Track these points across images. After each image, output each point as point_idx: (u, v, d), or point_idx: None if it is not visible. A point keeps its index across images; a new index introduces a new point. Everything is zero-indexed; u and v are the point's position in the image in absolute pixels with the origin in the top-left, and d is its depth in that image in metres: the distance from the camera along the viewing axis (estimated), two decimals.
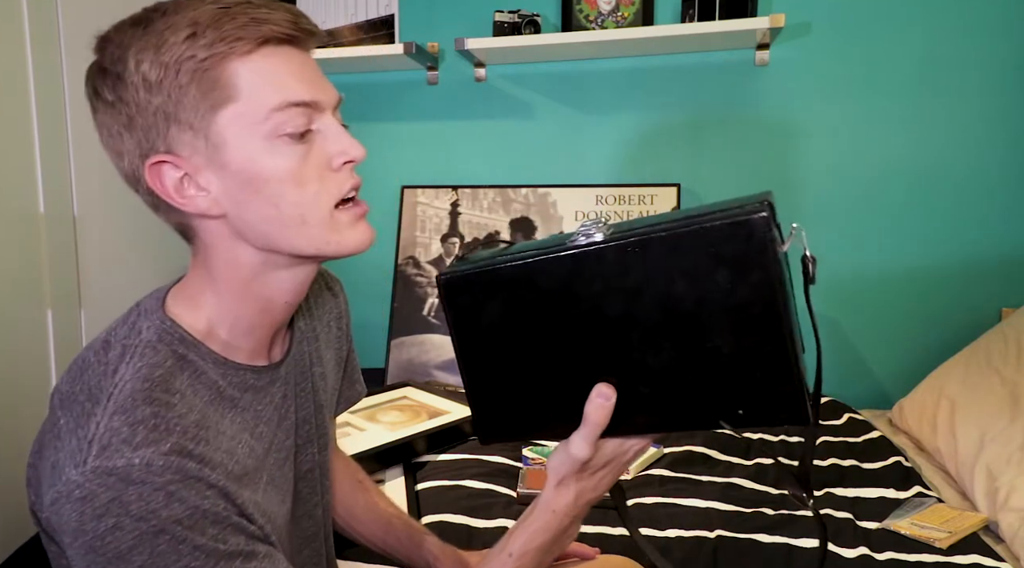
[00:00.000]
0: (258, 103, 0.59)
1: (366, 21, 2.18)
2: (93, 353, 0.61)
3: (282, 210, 0.61)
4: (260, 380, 0.68)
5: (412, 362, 2.11)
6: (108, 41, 0.60)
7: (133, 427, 0.54)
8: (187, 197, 0.61)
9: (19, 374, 1.65)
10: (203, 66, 0.58)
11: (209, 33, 0.58)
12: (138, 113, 0.59)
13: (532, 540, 0.66)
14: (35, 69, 1.69)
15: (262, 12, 0.59)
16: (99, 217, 1.90)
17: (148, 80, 0.58)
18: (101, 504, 0.52)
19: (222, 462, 0.58)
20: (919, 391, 1.73)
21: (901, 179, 1.95)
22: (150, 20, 0.59)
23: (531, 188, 2.14)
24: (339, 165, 0.63)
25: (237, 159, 0.60)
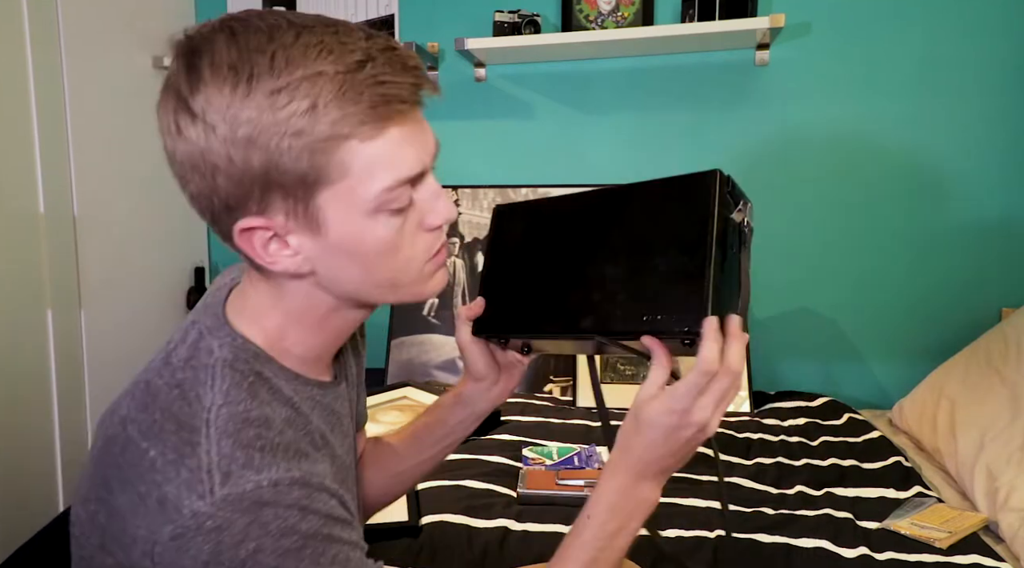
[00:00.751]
0: (370, 183, 0.56)
1: (366, 21, 2.18)
2: (157, 376, 0.59)
3: (376, 276, 0.61)
4: (326, 396, 0.68)
5: (412, 362, 2.11)
6: (199, 79, 0.54)
7: (246, 450, 0.54)
8: (274, 256, 0.59)
9: (19, 374, 1.65)
10: (320, 146, 0.54)
11: (332, 110, 0.53)
12: (230, 169, 0.55)
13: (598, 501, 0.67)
14: (35, 69, 1.70)
15: (388, 81, 0.55)
16: (99, 217, 1.90)
17: (253, 144, 0.53)
18: (239, 530, 0.51)
19: (323, 471, 0.59)
20: (919, 391, 1.73)
21: (900, 179, 1.95)
22: (255, 72, 0.53)
23: (531, 188, 2.14)
24: (433, 227, 0.63)
25: (336, 230, 0.58)
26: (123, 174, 2.00)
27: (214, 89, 0.53)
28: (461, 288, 2.14)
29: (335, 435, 0.69)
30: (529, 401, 1.86)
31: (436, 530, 1.21)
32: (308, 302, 0.63)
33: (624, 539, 0.67)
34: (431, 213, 0.62)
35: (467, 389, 0.84)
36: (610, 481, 0.67)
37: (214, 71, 0.54)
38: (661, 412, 0.63)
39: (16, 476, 1.61)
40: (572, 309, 0.72)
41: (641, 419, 0.64)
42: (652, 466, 0.66)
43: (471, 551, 1.16)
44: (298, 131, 0.53)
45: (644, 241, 0.69)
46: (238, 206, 0.57)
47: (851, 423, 1.70)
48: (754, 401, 1.85)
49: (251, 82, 0.53)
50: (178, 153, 0.56)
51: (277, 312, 0.64)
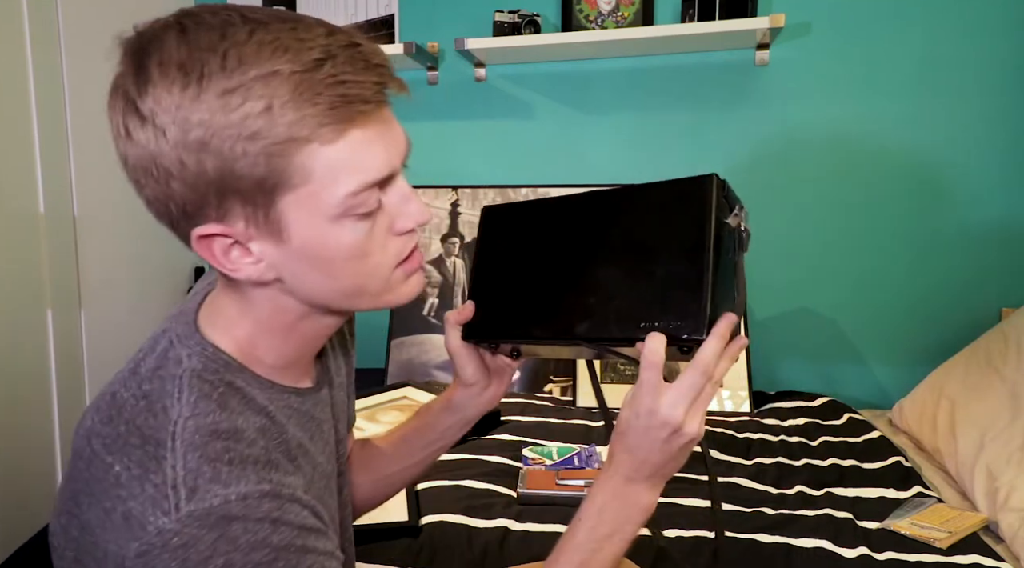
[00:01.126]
0: (333, 187, 0.53)
1: (366, 21, 2.18)
2: (123, 387, 0.57)
3: (342, 283, 0.58)
4: (304, 403, 0.66)
5: (412, 362, 2.11)
6: (147, 80, 0.51)
7: (213, 464, 0.52)
8: (236, 263, 0.57)
9: (19, 374, 1.65)
10: (277, 149, 0.51)
11: (288, 112, 0.50)
12: (183, 175, 0.52)
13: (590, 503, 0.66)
14: (35, 69, 1.70)
15: (349, 79, 0.51)
16: (99, 217, 1.90)
17: (205, 148, 0.51)
18: (206, 546, 0.50)
19: (295, 483, 0.58)
20: (919, 391, 1.73)
21: (900, 179, 1.95)
22: (205, 71, 0.50)
23: (531, 188, 2.14)
24: (404, 231, 0.60)
25: (299, 236, 0.55)
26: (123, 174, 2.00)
27: (163, 90, 0.50)
28: (461, 288, 2.14)
29: (315, 443, 0.67)
30: (529, 401, 1.86)
31: (436, 530, 1.21)
32: (275, 309, 0.61)
33: (618, 543, 0.66)
34: (401, 217, 0.59)
35: (457, 394, 0.82)
36: (602, 484, 0.66)
37: (163, 71, 0.51)
38: (646, 412, 0.62)
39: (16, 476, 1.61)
40: (564, 314, 0.71)
41: (629, 421, 0.64)
42: (644, 468, 0.64)
43: (471, 551, 1.16)
44: (253, 134, 0.50)
45: (639, 245, 0.68)
46: (196, 213, 0.54)
47: (851, 423, 1.70)
48: (754, 401, 1.85)
49: (202, 82, 0.50)
50: (129, 157, 0.54)
51: (246, 320, 0.62)
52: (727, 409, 1.83)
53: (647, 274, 0.66)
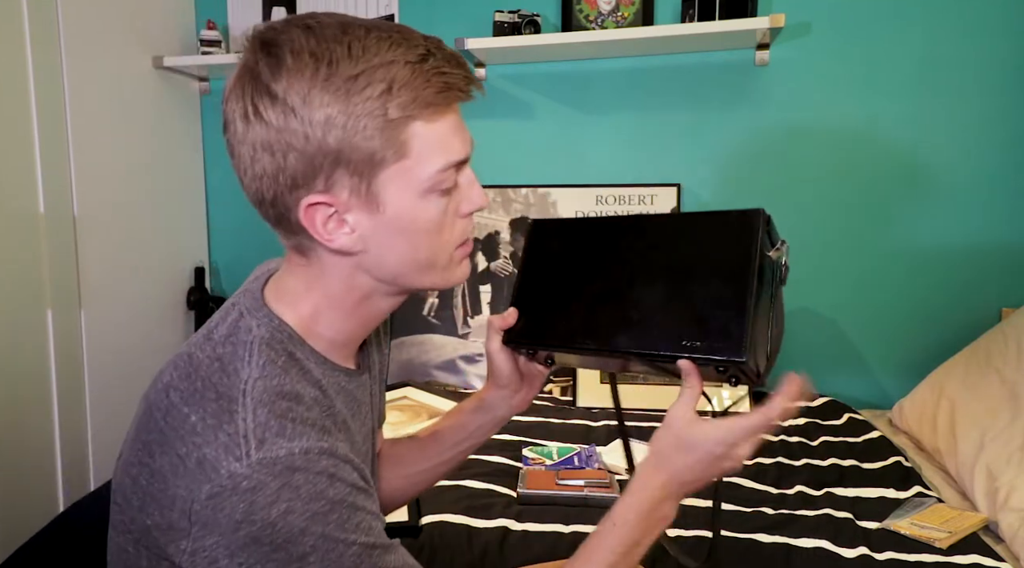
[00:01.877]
0: (426, 163, 0.62)
1: None
2: (199, 350, 0.63)
3: (419, 254, 0.65)
4: (351, 383, 0.71)
5: (412, 362, 2.11)
6: (282, 65, 0.59)
7: (280, 420, 0.58)
8: (332, 233, 0.63)
9: (19, 374, 1.65)
10: (391, 125, 0.59)
11: (404, 93, 0.59)
12: (305, 147, 0.59)
13: (628, 510, 0.70)
14: (35, 69, 1.70)
15: (448, 72, 0.61)
16: (99, 217, 1.90)
17: (331, 123, 0.58)
18: (272, 492, 0.55)
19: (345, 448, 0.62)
20: (919, 391, 1.73)
21: (900, 179, 1.95)
22: (334, 58, 0.58)
23: (531, 188, 2.14)
24: (467, 212, 0.68)
25: (392, 207, 0.62)
26: (123, 174, 2.00)
27: (296, 74, 0.58)
28: (461, 288, 2.14)
29: (355, 422, 0.71)
30: None
31: (436, 530, 1.21)
32: (348, 286, 0.67)
33: (642, 549, 0.71)
34: (466, 200, 0.67)
35: (490, 395, 0.87)
36: (642, 492, 0.70)
37: (295, 58, 0.59)
38: (714, 440, 0.67)
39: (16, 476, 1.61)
40: (606, 327, 0.75)
41: (687, 440, 0.68)
42: (685, 486, 0.70)
43: (471, 551, 1.17)
44: (372, 112, 0.59)
45: (685, 269, 0.72)
46: (305, 183, 0.61)
47: (851, 423, 1.70)
48: (754, 401, 1.85)
49: (331, 67, 0.58)
50: (250, 135, 0.60)
51: (313, 295, 0.67)
52: (727, 409, 1.83)
53: (691, 296, 0.71)
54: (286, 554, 0.55)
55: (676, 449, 0.69)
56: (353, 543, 0.58)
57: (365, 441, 0.75)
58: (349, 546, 0.58)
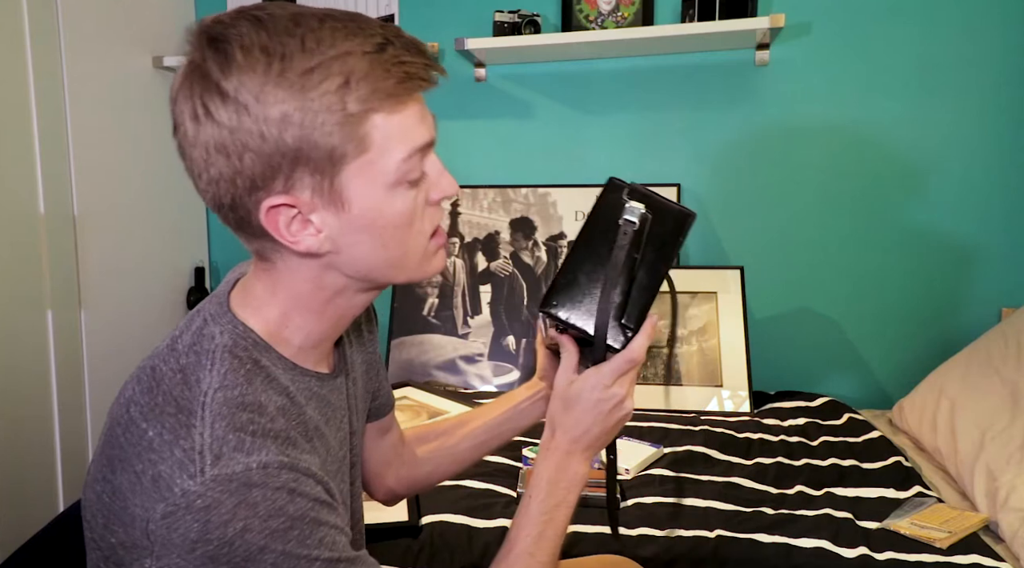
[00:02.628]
0: (389, 155, 0.59)
1: None
2: (162, 362, 0.61)
3: (391, 250, 0.63)
4: (323, 388, 0.69)
5: (412, 362, 2.11)
6: (231, 62, 0.56)
7: (238, 434, 0.56)
8: (296, 236, 0.60)
9: (19, 374, 1.65)
10: (350, 119, 0.57)
11: (363, 86, 0.56)
12: (261, 147, 0.56)
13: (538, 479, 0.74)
14: (35, 69, 1.69)
15: (408, 61, 0.59)
16: (99, 217, 1.90)
17: (288, 120, 0.56)
18: (227, 509, 0.53)
19: (311, 461, 0.61)
20: (919, 391, 1.73)
21: (900, 179, 1.95)
22: (288, 54, 0.55)
23: (531, 188, 2.14)
24: (437, 200, 0.66)
25: (359, 204, 0.60)
26: (123, 174, 2.00)
27: (248, 71, 0.55)
28: (461, 288, 2.14)
29: (330, 427, 0.69)
30: None
31: (436, 530, 1.21)
32: (316, 286, 0.64)
33: (564, 512, 0.73)
34: (436, 187, 0.65)
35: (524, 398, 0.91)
36: (545, 459, 0.75)
37: (245, 54, 0.56)
38: (589, 387, 0.72)
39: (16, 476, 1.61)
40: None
41: (567, 398, 0.73)
42: (583, 439, 0.73)
43: (471, 551, 1.17)
44: (330, 106, 0.56)
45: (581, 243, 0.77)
46: (264, 185, 0.58)
47: (851, 423, 1.70)
48: (754, 401, 1.85)
49: (284, 61, 0.55)
50: (202, 136, 0.57)
51: (279, 299, 0.65)
52: (727, 409, 1.83)
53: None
54: None
55: (562, 410, 0.73)
56: (316, 559, 0.56)
57: (342, 446, 0.73)
58: (312, 562, 0.56)
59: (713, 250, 2.08)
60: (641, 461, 1.47)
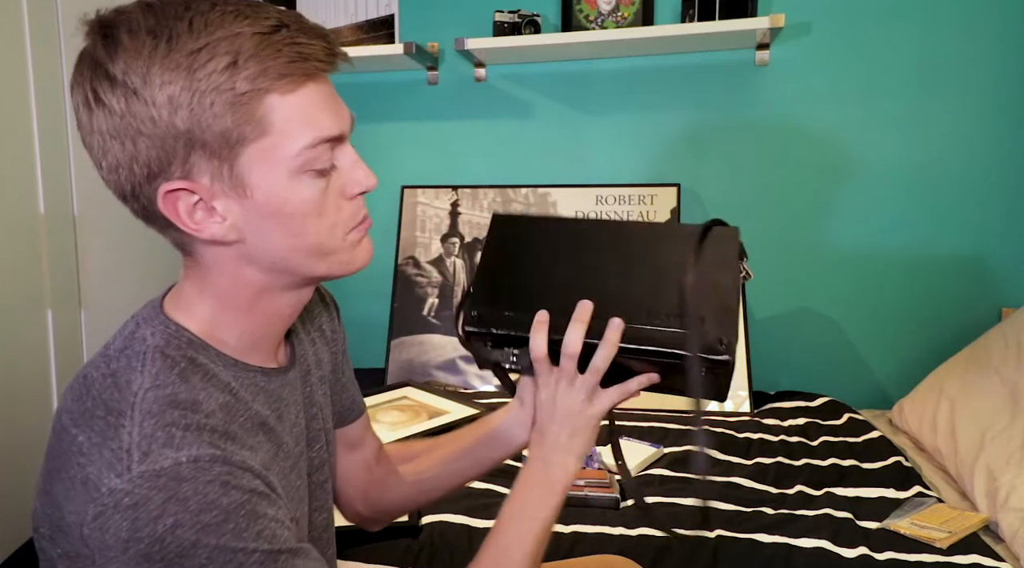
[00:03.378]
0: (291, 140, 0.58)
1: (366, 21, 2.18)
2: (94, 369, 0.60)
3: (303, 240, 0.61)
4: (271, 383, 0.68)
5: (412, 362, 2.11)
6: (118, 45, 0.55)
7: (167, 429, 0.54)
8: (200, 223, 0.59)
9: (19, 374, 1.65)
10: (242, 99, 0.55)
11: (251, 65, 0.55)
12: (153, 132, 0.56)
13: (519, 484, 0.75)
14: (35, 69, 1.69)
15: (303, 42, 0.57)
16: (99, 217, 1.90)
17: (176, 103, 0.55)
18: (156, 506, 0.52)
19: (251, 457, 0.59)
20: (919, 391, 1.73)
21: (901, 179, 1.95)
22: (173, 34, 0.55)
23: (531, 188, 2.14)
24: (354, 194, 0.64)
25: (261, 190, 0.59)
26: None
27: (134, 53, 0.55)
28: (462, 288, 2.14)
29: (282, 423, 0.68)
30: None
31: (436, 530, 1.21)
32: (235, 283, 0.63)
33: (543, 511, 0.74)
34: (351, 182, 0.63)
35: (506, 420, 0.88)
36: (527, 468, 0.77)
37: (132, 37, 0.55)
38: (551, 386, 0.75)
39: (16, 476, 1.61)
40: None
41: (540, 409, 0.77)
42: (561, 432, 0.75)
43: (471, 551, 1.16)
44: (218, 86, 0.55)
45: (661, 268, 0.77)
46: (161, 171, 0.57)
47: (851, 423, 1.70)
48: (754, 401, 1.85)
49: (171, 43, 0.54)
50: (95, 123, 0.57)
51: (206, 299, 0.64)
52: (727, 409, 1.83)
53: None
54: None
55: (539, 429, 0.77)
56: (254, 551, 0.54)
57: (298, 442, 0.71)
58: (250, 554, 0.54)
59: None
60: (641, 461, 1.47)
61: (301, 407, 0.73)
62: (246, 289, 0.64)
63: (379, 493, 0.90)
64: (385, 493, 0.90)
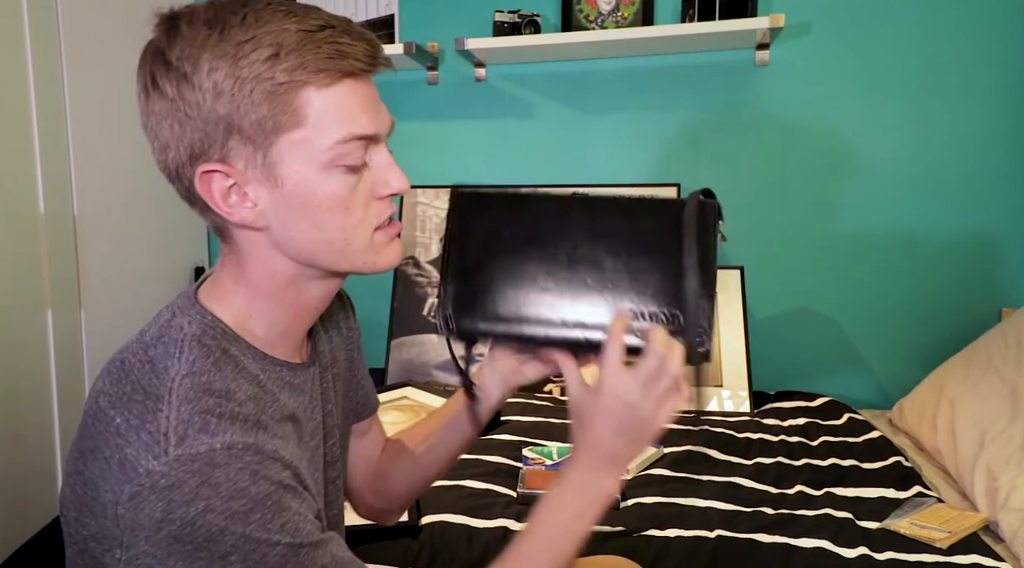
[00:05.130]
0: (324, 133, 0.60)
1: (366, 21, 2.18)
2: (131, 354, 0.62)
3: (327, 234, 0.63)
4: (296, 378, 0.69)
5: (412, 362, 2.11)
6: (177, 34, 0.59)
7: (203, 416, 0.56)
8: (233, 206, 0.62)
9: (19, 374, 1.65)
10: (279, 90, 0.58)
11: (292, 58, 0.58)
12: (198, 115, 0.59)
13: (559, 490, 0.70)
14: (35, 69, 1.69)
15: (345, 42, 0.60)
16: (99, 217, 1.90)
17: (219, 89, 0.58)
18: (190, 489, 0.53)
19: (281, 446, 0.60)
20: (919, 391, 1.73)
21: (901, 179, 1.95)
22: (227, 26, 0.58)
23: (531, 188, 2.14)
24: (384, 195, 0.65)
25: (291, 180, 0.61)
26: (123, 174, 2.00)
27: (189, 40, 0.58)
28: None
29: (304, 415, 0.70)
30: (529, 401, 1.86)
31: (436, 530, 1.21)
32: (267, 269, 0.65)
33: (578, 525, 0.69)
34: (382, 182, 0.65)
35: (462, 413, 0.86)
36: (563, 475, 0.70)
37: (191, 27, 0.59)
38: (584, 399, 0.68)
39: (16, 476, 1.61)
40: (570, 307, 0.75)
41: (577, 412, 0.69)
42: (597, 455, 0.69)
43: (471, 551, 1.17)
44: (258, 75, 0.58)
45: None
46: (201, 153, 0.60)
47: (851, 423, 1.70)
48: (754, 401, 1.85)
49: (223, 34, 0.58)
50: (151, 106, 0.60)
51: (240, 289, 0.66)
52: (727, 409, 1.83)
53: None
54: (208, 553, 0.54)
55: (576, 425, 0.70)
56: (277, 543, 0.56)
57: (314, 435, 0.73)
58: (273, 546, 0.56)
59: None
60: (641, 461, 1.47)
61: (319, 403, 0.75)
62: (277, 277, 0.66)
63: (383, 483, 0.91)
64: (389, 482, 0.91)
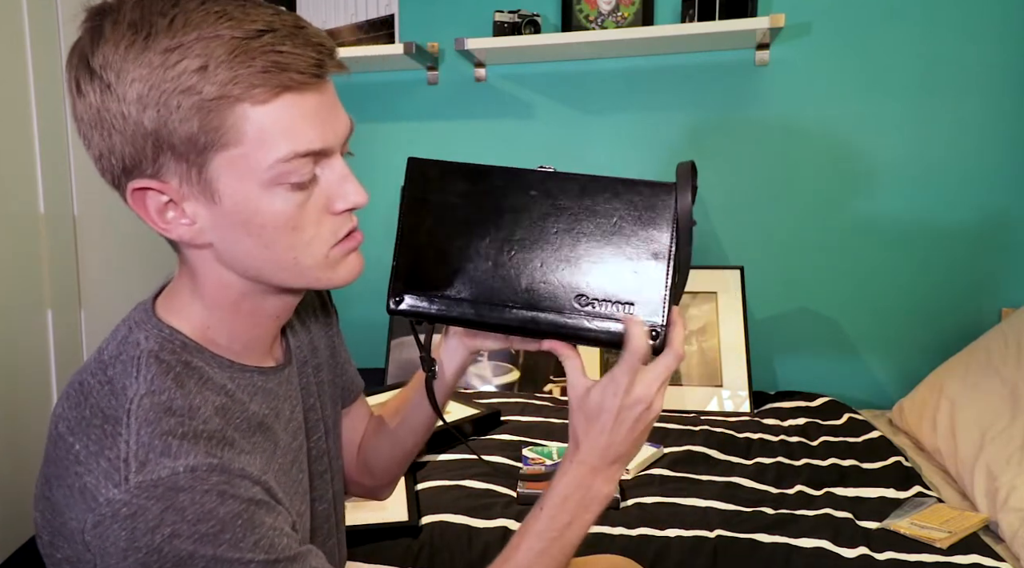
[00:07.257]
0: (264, 151, 0.55)
1: (366, 21, 2.18)
2: (90, 375, 0.59)
3: (275, 253, 0.59)
4: (268, 382, 0.67)
5: (412, 362, 2.11)
6: (101, 36, 0.55)
7: (164, 438, 0.54)
8: (170, 223, 0.59)
9: (19, 374, 1.65)
10: (210, 105, 0.54)
11: (222, 71, 0.53)
12: (124, 128, 0.55)
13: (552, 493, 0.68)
14: (35, 69, 1.69)
15: (285, 50, 0.54)
16: (99, 217, 1.90)
17: (144, 102, 0.53)
18: (154, 516, 0.52)
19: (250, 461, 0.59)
20: (919, 391, 1.73)
21: (901, 179, 1.95)
22: (153, 30, 0.53)
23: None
24: (340, 211, 0.61)
25: (231, 199, 0.57)
26: None
27: (112, 46, 0.54)
28: None
29: (279, 420, 0.68)
30: (529, 401, 1.86)
31: (436, 530, 1.21)
32: (219, 284, 0.62)
33: (576, 531, 0.67)
34: (338, 197, 0.61)
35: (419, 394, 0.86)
36: (565, 475, 0.68)
37: (114, 29, 0.54)
38: (608, 396, 0.65)
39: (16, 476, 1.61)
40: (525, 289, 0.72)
41: (587, 410, 0.66)
42: (606, 456, 0.66)
43: (471, 551, 1.17)
44: (187, 89, 0.53)
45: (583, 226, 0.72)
46: (134, 167, 0.56)
47: (851, 423, 1.70)
48: (754, 401, 1.85)
49: (148, 40, 0.53)
50: (78, 111, 0.57)
51: (196, 301, 0.63)
52: (727, 409, 1.83)
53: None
54: None
55: (584, 422, 0.66)
56: (250, 561, 0.54)
57: (295, 437, 0.71)
58: (246, 565, 0.54)
59: (713, 250, 2.08)
60: (641, 461, 1.47)
61: (298, 400, 0.73)
62: (229, 291, 0.63)
63: (367, 458, 0.91)
64: (372, 457, 0.90)
